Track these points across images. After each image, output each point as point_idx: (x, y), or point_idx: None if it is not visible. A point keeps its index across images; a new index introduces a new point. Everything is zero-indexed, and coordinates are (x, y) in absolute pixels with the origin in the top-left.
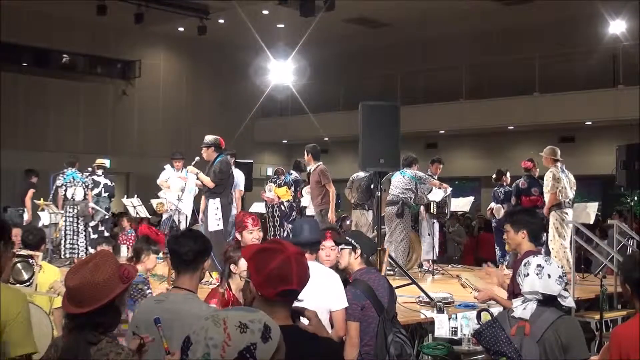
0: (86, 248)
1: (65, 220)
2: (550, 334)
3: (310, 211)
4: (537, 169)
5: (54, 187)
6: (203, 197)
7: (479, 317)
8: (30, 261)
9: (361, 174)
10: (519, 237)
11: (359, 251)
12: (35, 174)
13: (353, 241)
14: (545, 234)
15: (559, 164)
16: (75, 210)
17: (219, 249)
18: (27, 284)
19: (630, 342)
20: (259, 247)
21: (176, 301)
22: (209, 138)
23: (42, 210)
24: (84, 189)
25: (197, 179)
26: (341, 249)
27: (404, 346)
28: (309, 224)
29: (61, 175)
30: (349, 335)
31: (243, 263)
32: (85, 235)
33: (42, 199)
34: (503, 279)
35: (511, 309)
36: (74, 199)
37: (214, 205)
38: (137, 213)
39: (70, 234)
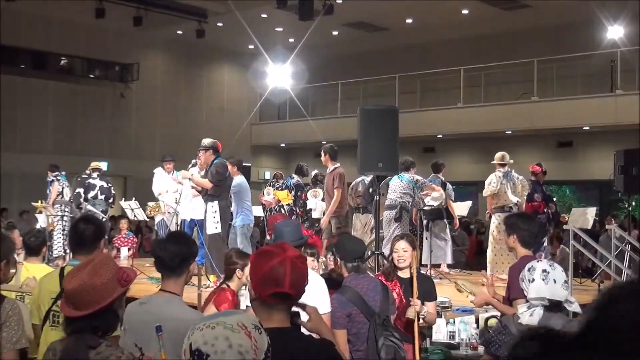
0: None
1: (62, 221)
2: None
3: (316, 214)
4: (545, 174)
5: (52, 183)
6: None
7: (486, 323)
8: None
9: (357, 180)
10: (510, 241)
11: (339, 260)
12: None
13: (333, 249)
14: (546, 239)
15: (502, 169)
16: (68, 211)
17: (217, 252)
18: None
19: None
20: (261, 249)
21: (159, 303)
22: (206, 141)
23: (40, 212)
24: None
25: (191, 181)
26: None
27: (397, 350)
28: (290, 227)
29: (57, 173)
30: (336, 343)
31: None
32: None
33: (40, 201)
34: (493, 294)
35: (517, 316)
36: (70, 200)
37: (212, 209)
38: (134, 216)
39: (64, 235)
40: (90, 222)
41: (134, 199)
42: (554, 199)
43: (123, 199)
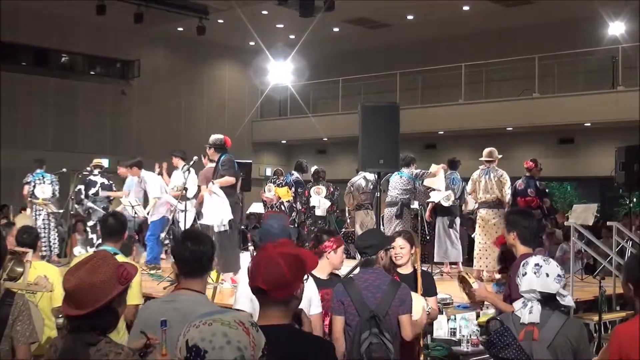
0: (57, 245)
1: (36, 219)
2: (562, 339)
3: (319, 211)
4: (540, 170)
5: (24, 185)
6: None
7: (487, 324)
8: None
9: (356, 178)
10: (510, 238)
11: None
12: None
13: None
14: (545, 236)
15: (483, 166)
16: (47, 209)
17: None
18: (19, 280)
19: (631, 341)
20: (260, 248)
21: (188, 301)
22: (212, 138)
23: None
24: (52, 186)
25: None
26: None
27: (386, 350)
28: (276, 224)
29: (30, 174)
30: (332, 329)
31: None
32: (57, 233)
33: (40, 199)
34: (486, 295)
35: (516, 315)
36: (72, 197)
37: None
38: (135, 213)
39: (43, 232)
40: (117, 217)
41: (140, 178)
42: (547, 192)
43: (124, 195)
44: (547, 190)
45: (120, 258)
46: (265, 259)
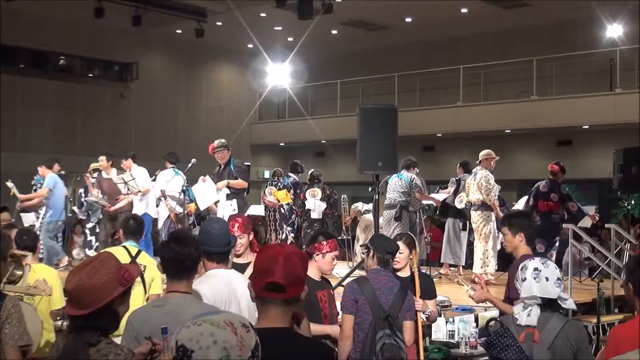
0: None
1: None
2: (562, 340)
3: (315, 214)
4: (564, 173)
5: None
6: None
7: (487, 326)
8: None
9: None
10: (516, 241)
11: (371, 252)
12: None
13: (368, 243)
14: (557, 238)
15: (474, 169)
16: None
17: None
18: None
19: (628, 342)
20: (264, 246)
21: (178, 304)
22: (221, 141)
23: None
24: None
25: (229, 186)
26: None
27: (399, 351)
28: (218, 226)
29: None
30: (342, 327)
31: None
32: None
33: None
34: (486, 297)
35: (514, 317)
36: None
37: (231, 207)
38: (128, 189)
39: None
40: (136, 219)
41: (128, 171)
42: (572, 196)
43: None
44: (571, 194)
45: (142, 256)
46: (281, 257)
